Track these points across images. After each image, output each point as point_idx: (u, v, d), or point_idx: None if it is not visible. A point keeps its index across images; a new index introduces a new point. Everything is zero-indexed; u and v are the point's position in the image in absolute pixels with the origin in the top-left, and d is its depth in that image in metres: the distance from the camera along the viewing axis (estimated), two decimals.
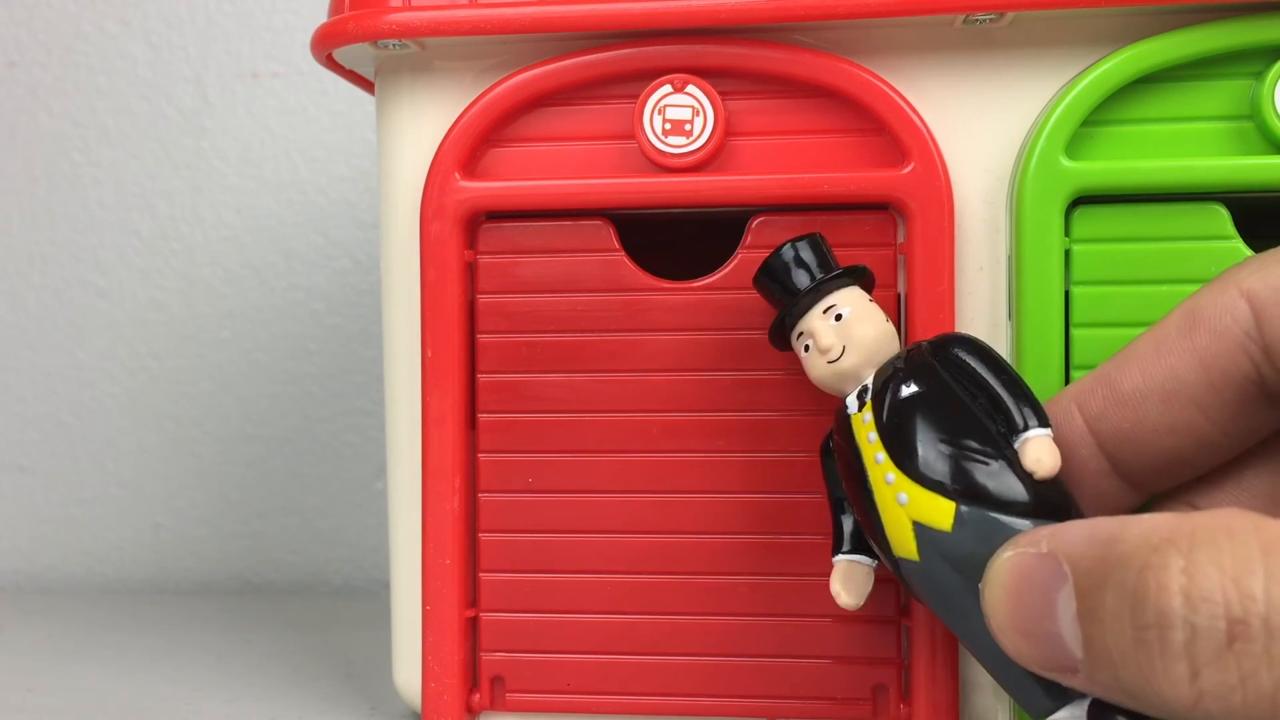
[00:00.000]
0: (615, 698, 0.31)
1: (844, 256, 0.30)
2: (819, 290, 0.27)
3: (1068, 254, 0.29)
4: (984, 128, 0.30)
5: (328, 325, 0.56)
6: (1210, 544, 0.19)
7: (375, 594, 0.55)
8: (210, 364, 0.56)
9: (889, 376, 0.25)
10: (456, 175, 0.31)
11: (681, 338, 0.31)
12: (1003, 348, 0.30)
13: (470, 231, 0.31)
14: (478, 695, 0.32)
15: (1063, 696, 0.23)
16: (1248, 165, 0.28)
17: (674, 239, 0.33)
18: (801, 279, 0.27)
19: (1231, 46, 0.28)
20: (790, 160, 0.30)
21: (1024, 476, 0.24)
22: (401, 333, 0.32)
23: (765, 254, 0.30)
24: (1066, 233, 0.29)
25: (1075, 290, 0.29)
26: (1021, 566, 0.22)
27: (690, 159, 0.30)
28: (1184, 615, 0.18)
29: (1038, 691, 0.23)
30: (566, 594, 0.31)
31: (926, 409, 0.25)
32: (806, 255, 0.27)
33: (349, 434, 0.56)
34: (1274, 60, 0.28)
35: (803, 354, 0.27)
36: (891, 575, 0.30)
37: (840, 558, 0.27)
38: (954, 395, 0.25)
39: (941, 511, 0.24)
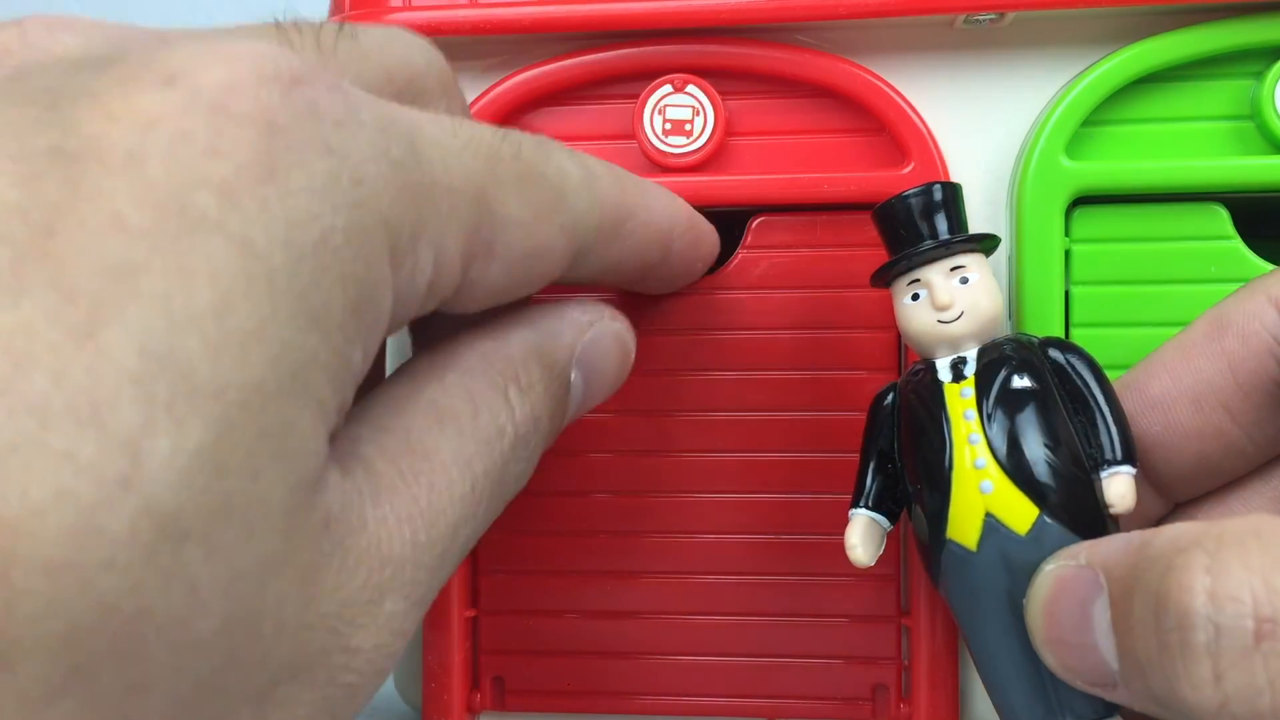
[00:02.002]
0: (615, 698, 0.31)
1: (844, 257, 0.30)
2: (951, 245, 0.25)
3: (1068, 254, 0.29)
4: (984, 128, 0.30)
5: None
6: (1238, 544, 0.18)
7: None
8: None
9: (997, 359, 0.25)
10: None
11: (681, 337, 0.31)
12: None
13: None
14: (478, 695, 0.32)
15: None
16: (1248, 165, 0.28)
17: None
18: (941, 227, 0.26)
19: (1231, 46, 0.28)
20: (790, 160, 0.30)
21: (1104, 506, 0.24)
22: (401, 332, 0.32)
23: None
24: (1066, 233, 0.29)
25: (1075, 290, 0.29)
26: (1061, 579, 0.22)
27: (690, 159, 0.30)
28: (1207, 614, 0.18)
29: (1024, 715, 0.23)
30: (566, 594, 0.31)
31: (1039, 409, 0.24)
32: (950, 205, 0.26)
33: None
34: (1274, 60, 0.28)
35: (906, 301, 0.26)
36: (892, 571, 0.30)
37: (861, 511, 0.26)
38: (1060, 403, 0.24)
39: (1023, 514, 0.23)
